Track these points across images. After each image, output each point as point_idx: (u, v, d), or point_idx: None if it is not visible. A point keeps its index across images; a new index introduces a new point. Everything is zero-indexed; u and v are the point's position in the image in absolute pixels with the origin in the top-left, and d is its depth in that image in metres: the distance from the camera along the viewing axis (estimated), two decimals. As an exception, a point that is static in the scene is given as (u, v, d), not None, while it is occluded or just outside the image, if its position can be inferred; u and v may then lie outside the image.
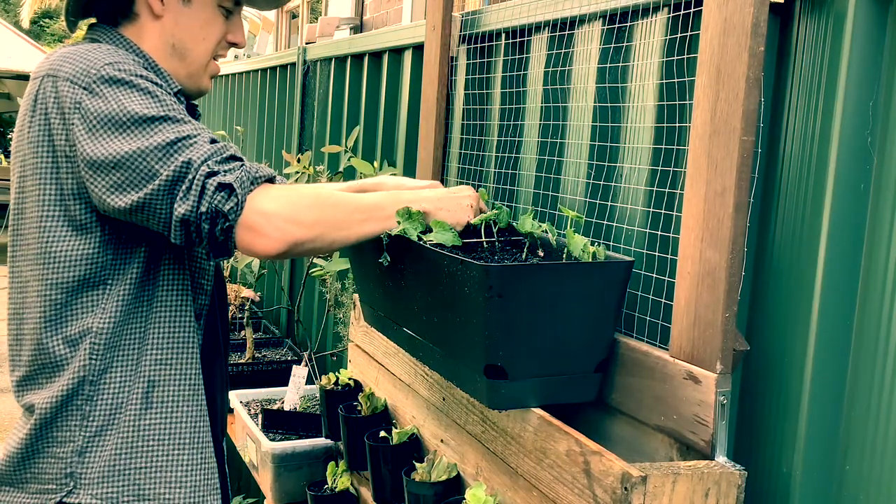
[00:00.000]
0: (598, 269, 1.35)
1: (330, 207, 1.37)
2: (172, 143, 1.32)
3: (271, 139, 4.19)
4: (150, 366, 1.47)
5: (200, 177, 1.30)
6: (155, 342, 1.48)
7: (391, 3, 6.53)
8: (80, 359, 1.43)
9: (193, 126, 1.36)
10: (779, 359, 1.29)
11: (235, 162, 1.34)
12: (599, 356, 1.39)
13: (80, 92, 1.36)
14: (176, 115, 1.35)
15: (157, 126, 1.33)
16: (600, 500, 1.23)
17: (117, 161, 1.32)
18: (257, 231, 1.31)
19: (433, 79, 2.13)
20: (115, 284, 1.44)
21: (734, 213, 1.22)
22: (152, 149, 1.31)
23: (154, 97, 1.36)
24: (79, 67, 1.38)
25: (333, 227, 1.37)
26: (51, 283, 1.43)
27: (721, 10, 1.24)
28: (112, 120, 1.33)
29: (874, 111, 1.18)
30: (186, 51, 1.54)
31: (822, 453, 1.23)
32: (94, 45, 1.44)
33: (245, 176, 1.31)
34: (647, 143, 1.50)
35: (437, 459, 1.78)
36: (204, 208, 1.29)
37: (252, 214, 1.30)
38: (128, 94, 1.35)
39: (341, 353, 2.95)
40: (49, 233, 1.42)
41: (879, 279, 1.15)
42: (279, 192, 1.34)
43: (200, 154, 1.31)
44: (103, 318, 1.44)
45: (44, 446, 1.45)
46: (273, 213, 1.31)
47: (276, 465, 2.53)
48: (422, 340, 1.55)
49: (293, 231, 1.32)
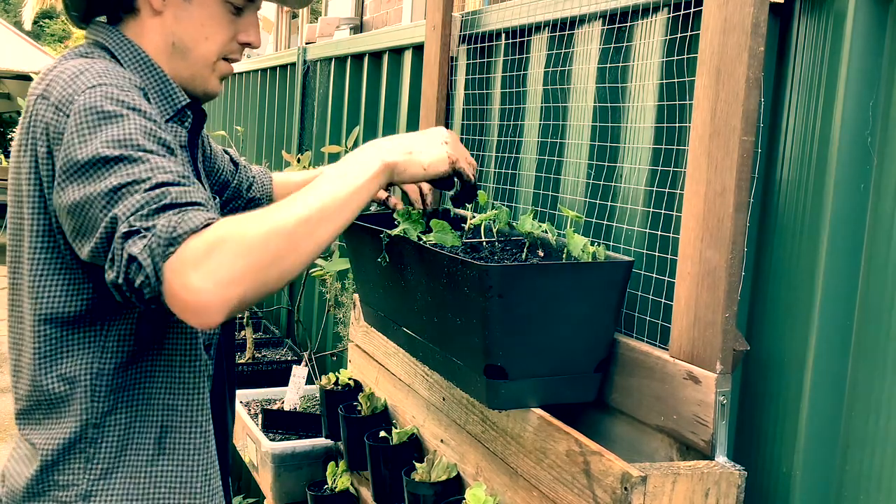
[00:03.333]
0: (598, 269, 1.35)
1: (262, 240, 1.11)
2: (116, 189, 1.17)
3: (271, 139, 4.19)
4: (160, 410, 1.39)
5: (118, 239, 1.14)
6: (164, 383, 1.39)
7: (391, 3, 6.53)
8: (80, 401, 1.35)
9: (152, 164, 1.20)
10: (779, 359, 1.29)
11: (166, 213, 1.14)
12: (599, 356, 1.39)
13: (64, 121, 1.26)
14: (133, 153, 1.20)
15: (112, 168, 1.19)
16: (600, 500, 1.23)
17: (70, 207, 1.22)
18: (185, 308, 1.10)
19: (433, 79, 2.13)
20: (114, 322, 1.35)
21: (734, 213, 1.22)
22: (95, 196, 1.18)
23: (120, 130, 1.23)
24: (66, 91, 1.28)
25: (277, 261, 1.12)
26: (42, 317, 1.34)
27: (721, 10, 1.24)
28: (76, 161, 1.22)
29: (874, 111, 1.18)
30: (187, 50, 1.45)
31: (822, 453, 1.23)
32: (87, 63, 1.34)
33: (156, 242, 1.10)
34: (647, 143, 1.50)
35: (437, 459, 1.78)
36: (121, 280, 1.13)
37: (174, 288, 1.09)
38: (95, 129, 1.23)
39: (341, 353, 2.95)
40: (39, 266, 1.34)
41: (879, 279, 1.15)
42: (203, 249, 1.10)
43: (128, 207, 1.15)
44: (104, 358, 1.35)
45: (46, 489, 1.37)
46: (196, 287, 1.08)
47: (276, 465, 2.53)
48: (422, 340, 1.55)
49: (221, 296, 1.09)
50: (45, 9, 1.57)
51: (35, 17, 1.55)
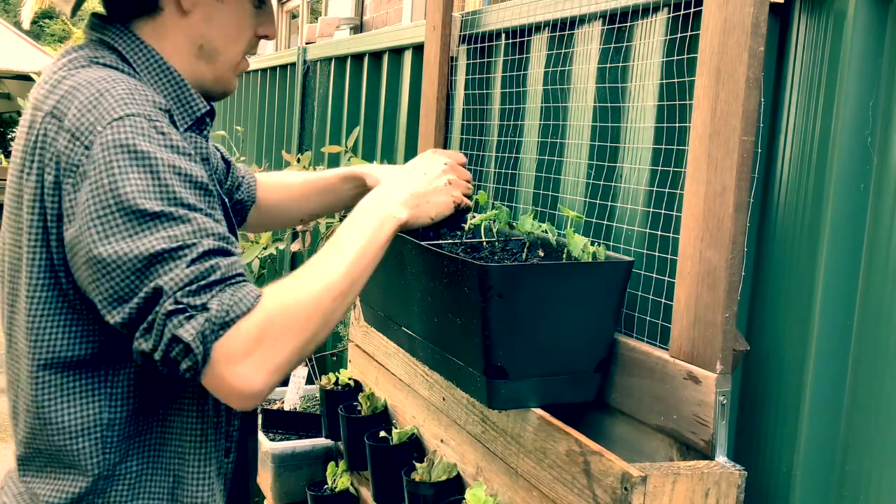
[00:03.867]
0: (598, 269, 1.35)
1: (305, 321, 1.13)
2: (155, 255, 1.08)
3: (271, 139, 4.19)
4: (173, 458, 1.28)
5: (162, 316, 1.07)
6: (178, 428, 1.28)
7: (391, 3, 6.53)
8: (89, 453, 1.22)
9: (194, 227, 1.12)
10: (779, 359, 1.29)
11: (214, 291, 1.09)
12: (599, 356, 1.39)
13: (80, 152, 1.14)
14: (174, 209, 1.11)
15: (150, 226, 1.10)
16: (600, 500, 1.23)
17: (96, 260, 1.10)
18: (229, 393, 1.09)
19: (433, 79, 2.13)
20: (122, 367, 1.23)
21: (734, 213, 1.22)
22: (131, 259, 1.08)
23: (157, 176, 1.12)
24: (85, 118, 1.15)
25: (316, 336, 1.16)
26: (42, 363, 1.21)
27: (721, 10, 1.24)
28: (99, 205, 1.11)
29: (874, 111, 1.18)
30: (216, 52, 1.33)
31: (822, 453, 1.23)
32: (106, 81, 1.20)
33: (208, 327, 1.07)
34: (648, 143, 1.50)
35: (437, 459, 1.78)
36: (159, 356, 1.07)
37: (223, 374, 1.07)
38: (128, 169, 1.12)
39: (341, 353, 2.95)
40: (39, 305, 1.20)
41: (879, 279, 1.15)
42: (255, 335, 1.09)
43: (174, 280, 1.08)
44: (114, 406, 1.23)
45: None
46: (247, 376, 1.08)
47: (276, 465, 2.53)
48: (422, 340, 1.55)
49: (271, 380, 1.11)
50: (44, 8, 1.53)
51: (34, 17, 1.49)
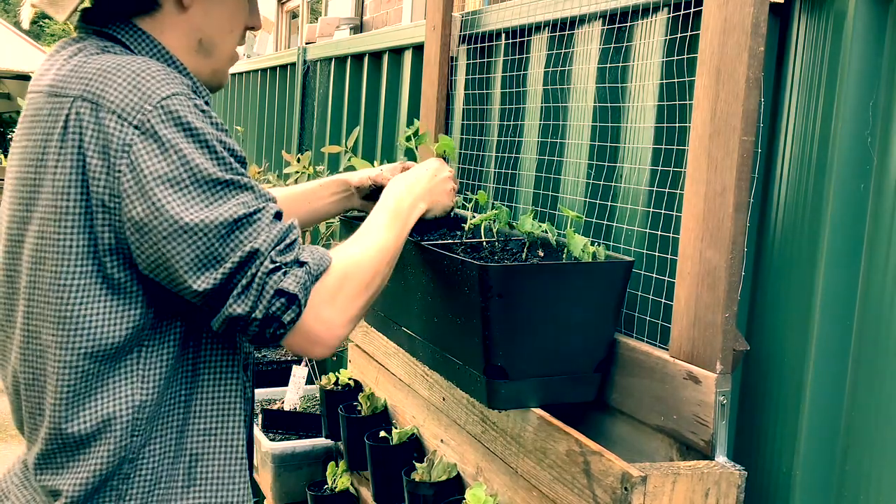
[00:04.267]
0: (598, 269, 1.35)
1: (371, 279, 1.26)
2: (238, 220, 1.14)
3: (271, 139, 4.19)
4: (194, 437, 1.28)
5: (262, 274, 1.13)
6: (201, 408, 1.29)
7: (391, 3, 6.53)
8: (118, 437, 1.22)
9: (257, 192, 1.19)
10: (779, 359, 1.29)
11: (297, 249, 1.18)
12: (599, 356, 1.39)
13: (130, 132, 1.14)
14: (238, 178, 1.18)
15: (222, 194, 1.15)
16: (600, 500, 1.23)
17: (177, 229, 1.13)
18: (314, 340, 1.18)
19: (433, 79, 2.13)
20: (155, 347, 1.24)
21: (734, 213, 1.22)
22: (216, 225, 1.13)
23: (213, 150, 1.17)
24: (129, 98, 1.16)
25: (375, 296, 1.29)
26: (80, 352, 1.20)
27: (721, 10, 1.24)
28: (171, 179, 1.13)
29: (874, 111, 1.18)
30: (214, 46, 1.34)
31: (822, 453, 1.23)
32: (138, 61, 1.21)
33: (308, 279, 1.16)
34: (648, 143, 1.50)
35: (437, 459, 1.78)
36: (259, 315, 1.13)
37: (311, 322, 1.17)
38: (188, 144, 1.15)
39: (341, 353, 2.95)
40: (77, 293, 1.19)
41: (879, 279, 1.15)
42: (335, 284, 1.20)
43: (266, 241, 1.15)
44: (145, 387, 1.23)
45: None
46: (332, 321, 1.19)
47: (276, 465, 2.53)
48: (422, 340, 1.55)
49: (348, 330, 1.22)
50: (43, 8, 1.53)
51: (34, 17, 1.48)
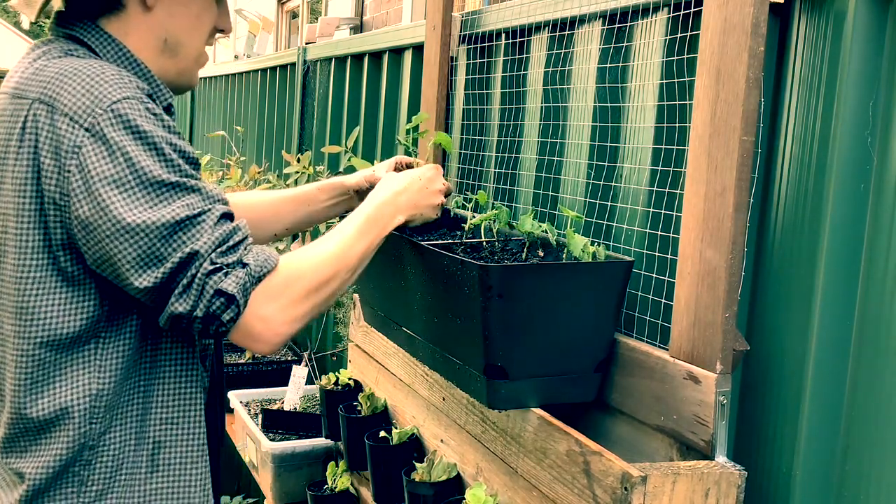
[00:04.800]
0: (598, 269, 1.35)
1: (324, 283, 1.29)
2: (181, 222, 1.18)
3: (271, 139, 4.19)
4: (155, 425, 1.33)
5: (202, 275, 1.17)
6: (161, 398, 1.34)
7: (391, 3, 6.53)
8: (77, 424, 1.27)
9: (204, 194, 1.22)
10: (779, 359, 1.29)
11: (240, 251, 1.21)
12: (599, 356, 1.39)
13: (81, 134, 1.19)
14: (185, 180, 1.21)
15: (166, 196, 1.19)
16: (600, 500, 1.23)
17: (120, 229, 1.17)
18: (256, 338, 1.22)
19: (433, 79, 2.13)
20: (112, 338, 1.28)
21: (734, 213, 1.22)
22: (158, 226, 1.17)
23: (161, 153, 1.20)
24: (81, 102, 1.20)
25: (329, 300, 1.31)
26: (36, 341, 1.25)
27: (721, 10, 1.24)
28: (116, 180, 1.18)
29: (874, 111, 1.18)
30: (180, 46, 1.37)
31: (822, 453, 1.23)
32: (94, 66, 1.25)
33: (248, 280, 1.20)
34: (648, 143, 1.50)
35: (437, 459, 1.78)
36: (200, 314, 1.18)
37: (251, 320, 1.21)
38: (136, 146, 1.19)
39: (341, 353, 2.95)
40: (33, 285, 1.24)
41: (879, 279, 1.15)
42: (279, 284, 1.24)
43: (207, 243, 1.19)
44: (102, 377, 1.28)
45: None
46: (272, 318, 1.22)
47: (276, 465, 2.53)
48: (422, 340, 1.55)
49: (290, 329, 1.25)
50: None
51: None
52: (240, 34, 8.66)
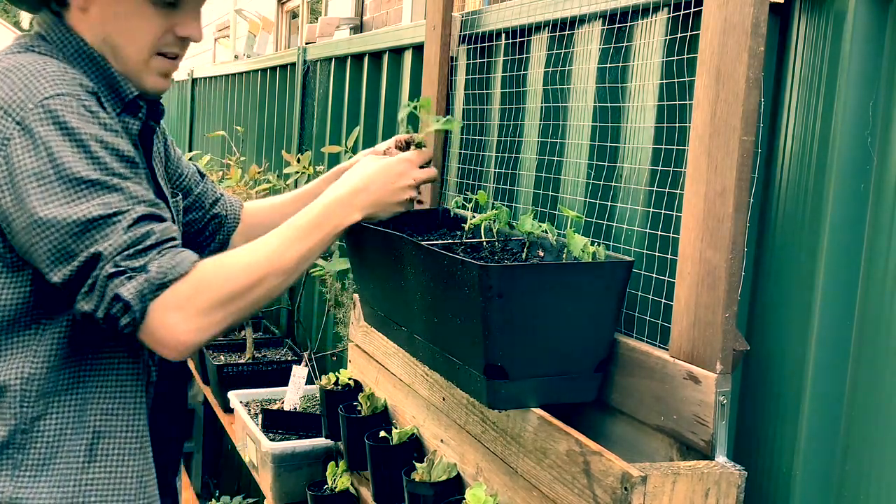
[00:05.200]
0: (598, 269, 1.35)
1: (244, 290, 1.26)
2: (93, 220, 1.19)
3: (271, 139, 4.19)
4: (95, 415, 1.35)
5: (103, 277, 1.19)
6: (101, 389, 1.36)
7: (391, 3, 6.53)
8: (9, 405, 1.30)
9: (127, 194, 1.23)
10: (779, 359, 1.29)
11: (150, 255, 1.21)
12: (599, 356, 1.39)
13: (12, 127, 1.22)
14: (108, 178, 1.22)
15: (84, 193, 1.20)
16: (600, 500, 1.23)
17: (33, 222, 1.20)
18: (161, 343, 1.22)
19: (433, 79, 2.13)
20: (49, 325, 1.31)
21: (734, 213, 1.22)
22: (70, 222, 1.19)
23: (87, 150, 1.22)
24: (17, 96, 1.24)
25: (254, 305, 1.28)
26: None
27: (721, 10, 1.24)
28: (37, 174, 1.20)
29: (874, 111, 1.18)
30: (117, 47, 1.38)
31: (822, 453, 1.23)
32: (37, 63, 1.29)
33: (147, 286, 1.19)
34: (648, 143, 1.50)
35: (437, 459, 1.78)
36: (101, 315, 1.20)
37: (155, 326, 1.21)
38: (61, 142, 1.21)
39: (341, 353, 2.95)
40: None
41: (879, 279, 1.15)
42: (185, 293, 1.22)
43: (113, 245, 1.19)
44: (35, 362, 1.31)
45: None
46: (175, 327, 1.21)
47: (276, 465, 2.53)
48: (422, 340, 1.55)
49: (197, 338, 1.23)
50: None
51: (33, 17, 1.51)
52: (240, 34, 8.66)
